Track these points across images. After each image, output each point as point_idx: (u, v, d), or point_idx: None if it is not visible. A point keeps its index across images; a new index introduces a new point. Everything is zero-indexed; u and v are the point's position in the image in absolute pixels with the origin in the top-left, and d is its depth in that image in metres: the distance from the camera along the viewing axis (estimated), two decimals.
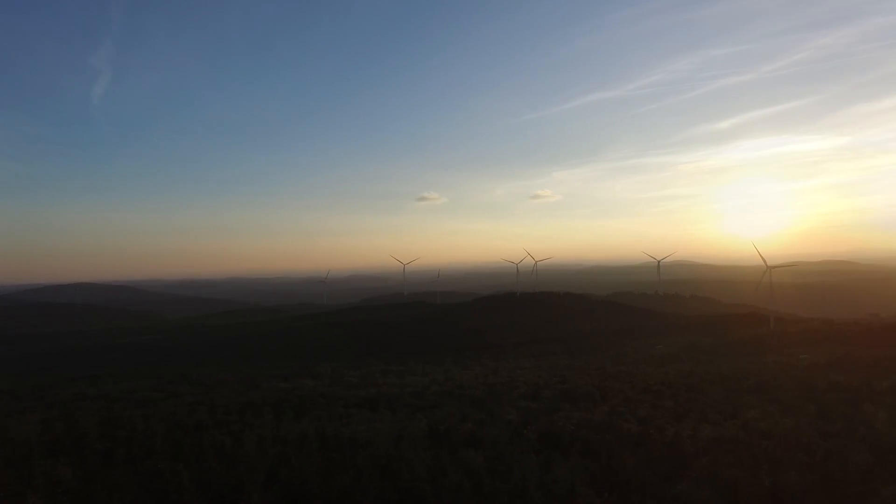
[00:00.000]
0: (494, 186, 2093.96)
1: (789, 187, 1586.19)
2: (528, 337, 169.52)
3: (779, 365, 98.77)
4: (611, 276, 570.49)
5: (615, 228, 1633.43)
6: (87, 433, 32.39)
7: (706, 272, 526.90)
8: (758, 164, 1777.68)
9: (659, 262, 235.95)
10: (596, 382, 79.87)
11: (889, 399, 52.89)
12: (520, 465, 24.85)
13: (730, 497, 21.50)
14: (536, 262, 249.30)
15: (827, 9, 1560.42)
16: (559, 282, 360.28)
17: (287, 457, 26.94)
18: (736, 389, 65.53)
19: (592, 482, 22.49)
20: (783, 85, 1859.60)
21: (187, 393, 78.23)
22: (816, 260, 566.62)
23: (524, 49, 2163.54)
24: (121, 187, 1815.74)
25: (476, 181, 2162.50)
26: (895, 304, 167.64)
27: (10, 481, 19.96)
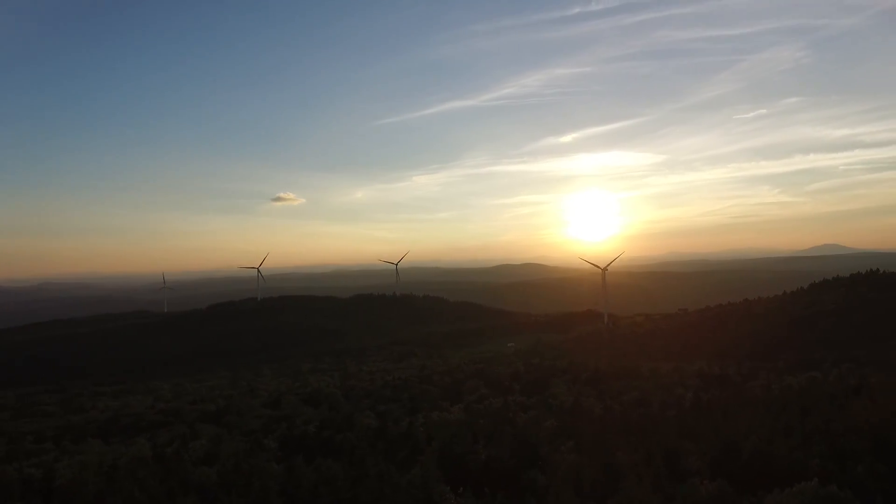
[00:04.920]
0: (354, 189, 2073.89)
1: (620, 197, 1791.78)
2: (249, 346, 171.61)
3: (491, 352, 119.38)
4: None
5: (474, 232, 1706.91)
6: None
7: (552, 273, 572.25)
8: (594, 176, 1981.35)
9: (397, 265, 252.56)
10: (339, 383, 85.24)
11: (568, 376, 71.31)
12: (260, 475, 24.74)
13: (455, 473, 24.66)
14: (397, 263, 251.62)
15: (652, 41, 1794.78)
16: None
17: None
18: (460, 377, 77.11)
19: (333, 480, 23.23)
20: (614, 106, 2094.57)
21: None
22: (642, 262, 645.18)
23: (384, 53, 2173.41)
24: None
25: (335, 183, 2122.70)
26: (706, 297, 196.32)
27: None
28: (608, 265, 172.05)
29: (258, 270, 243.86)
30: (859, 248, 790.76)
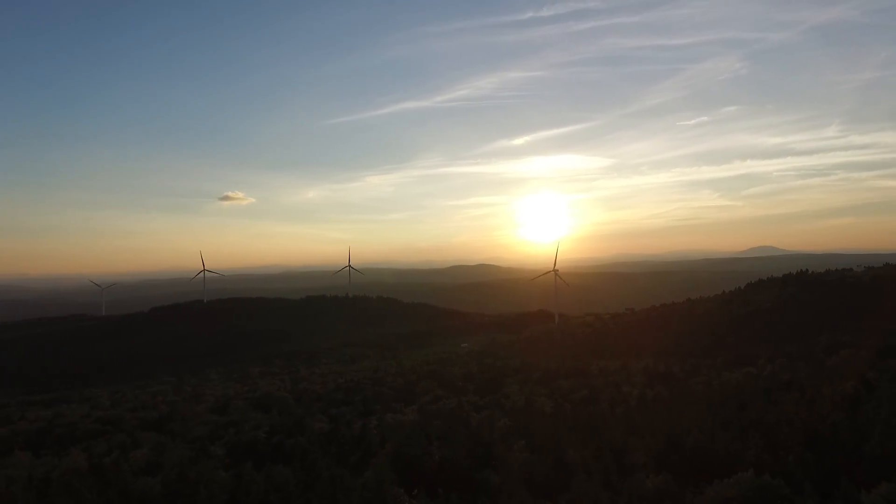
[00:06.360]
0: (306, 188, 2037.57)
1: (570, 199, 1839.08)
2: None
3: (445, 353, 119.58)
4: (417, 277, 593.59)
5: (427, 233, 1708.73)
6: None
7: (505, 274, 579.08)
8: (546, 178, 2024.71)
9: (349, 268, 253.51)
10: (289, 387, 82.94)
11: (520, 376, 72.01)
12: (207, 483, 24.08)
13: (409, 475, 24.70)
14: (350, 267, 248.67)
15: (600, 48, 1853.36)
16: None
17: None
18: (414, 378, 76.63)
19: (284, 486, 22.83)
20: (565, 110, 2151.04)
21: None
22: (592, 263, 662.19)
23: (337, 51, 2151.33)
24: None
25: (286, 182, 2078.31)
26: (651, 297, 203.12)
27: None
28: (555, 265, 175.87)
29: (204, 272, 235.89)
30: (791, 249, 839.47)
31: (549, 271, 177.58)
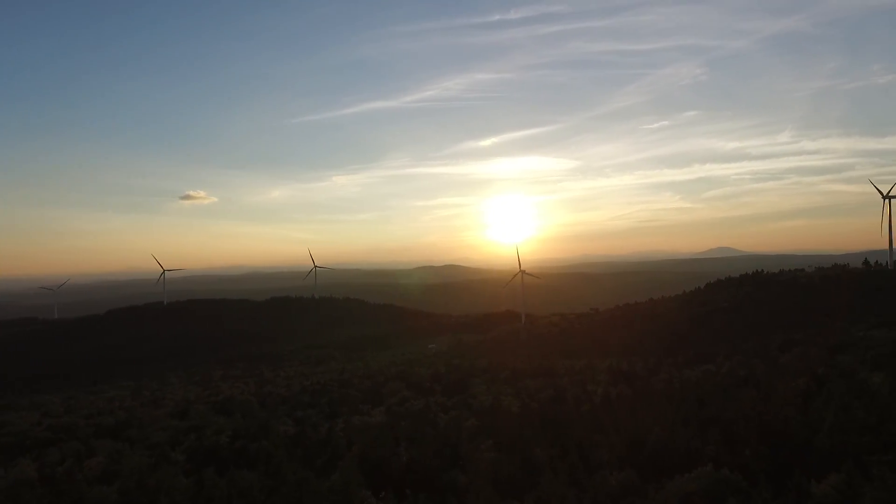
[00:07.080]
0: (270, 188, 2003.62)
1: (536, 200, 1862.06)
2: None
3: (412, 354, 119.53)
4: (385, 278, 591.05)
5: (395, 233, 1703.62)
6: None
7: (473, 274, 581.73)
8: (513, 180, 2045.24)
9: (314, 269, 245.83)
10: (253, 390, 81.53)
11: (487, 375, 72.05)
12: (167, 490, 23.65)
13: (377, 476, 24.59)
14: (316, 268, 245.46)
15: (566, 51, 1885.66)
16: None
17: None
18: (381, 380, 76.67)
19: (248, 491, 22.57)
20: (531, 112, 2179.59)
21: None
22: (557, 264, 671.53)
23: (303, 48, 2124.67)
24: None
25: (250, 181, 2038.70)
26: (615, 297, 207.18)
27: None
28: (520, 266, 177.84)
29: (164, 274, 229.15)
30: (747, 250, 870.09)
31: (518, 273, 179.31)
